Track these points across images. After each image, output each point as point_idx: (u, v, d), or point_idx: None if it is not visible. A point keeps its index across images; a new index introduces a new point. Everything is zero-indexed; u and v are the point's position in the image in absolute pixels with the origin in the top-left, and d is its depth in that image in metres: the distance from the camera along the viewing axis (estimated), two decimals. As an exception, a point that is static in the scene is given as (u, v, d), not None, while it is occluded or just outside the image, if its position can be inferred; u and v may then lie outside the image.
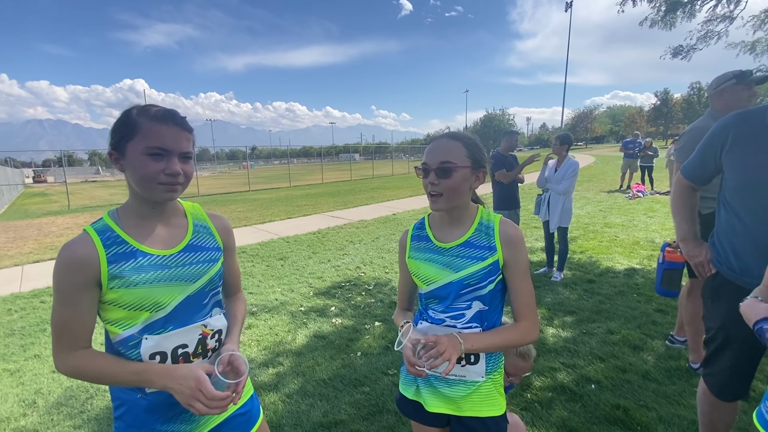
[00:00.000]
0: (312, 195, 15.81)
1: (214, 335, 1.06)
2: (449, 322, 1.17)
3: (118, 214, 1.00)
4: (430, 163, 1.11)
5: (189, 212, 1.10)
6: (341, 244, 6.80)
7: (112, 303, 0.94)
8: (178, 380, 0.91)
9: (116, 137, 0.94)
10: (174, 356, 0.99)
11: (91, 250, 0.92)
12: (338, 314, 3.84)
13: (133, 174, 0.93)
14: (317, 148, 72.59)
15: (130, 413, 1.00)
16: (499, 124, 49.43)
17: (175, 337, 0.99)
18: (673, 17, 5.83)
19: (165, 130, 0.92)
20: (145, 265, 0.95)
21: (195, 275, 1.02)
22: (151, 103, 0.97)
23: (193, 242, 1.05)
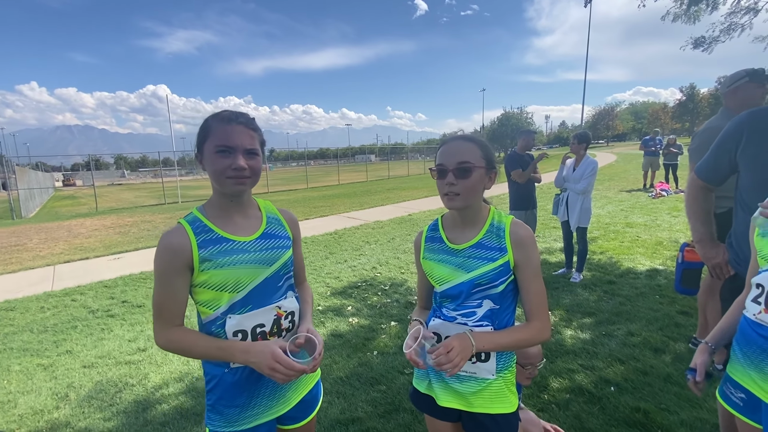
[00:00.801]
0: (329, 196, 15.98)
1: (288, 316, 1.18)
2: (460, 320, 1.19)
3: (204, 207, 1.15)
4: (447, 163, 1.12)
5: (262, 206, 1.24)
6: (357, 244, 6.86)
7: (202, 285, 1.08)
8: (256, 355, 1.03)
9: (197, 141, 1.10)
10: (253, 334, 1.11)
11: (184, 237, 1.06)
12: (355, 314, 3.89)
13: (209, 170, 1.07)
14: (333, 150, 73.26)
15: (219, 387, 1.14)
16: (516, 122, 48.71)
17: (253, 317, 1.11)
18: (697, 10, 5.65)
19: (230, 129, 1.05)
20: (229, 250, 1.09)
21: (271, 259, 1.14)
22: (224, 109, 1.11)
23: (268, 231, 1.18)
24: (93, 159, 21.12)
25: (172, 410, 2.51)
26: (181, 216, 1.19)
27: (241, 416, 1.15)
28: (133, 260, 6.63)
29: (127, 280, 5.50)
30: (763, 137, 1.41)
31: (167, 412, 2.49)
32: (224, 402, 1.14)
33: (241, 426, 1.15)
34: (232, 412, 1.14)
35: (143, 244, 7.96)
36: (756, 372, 1.15)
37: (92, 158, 21.14)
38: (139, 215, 13.12)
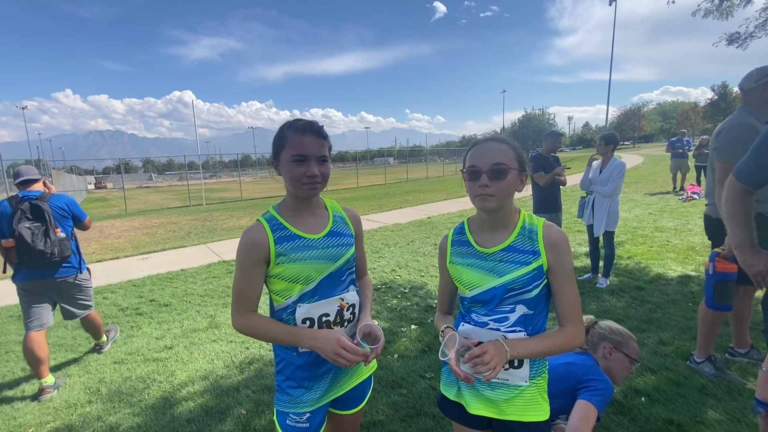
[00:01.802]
0: (347, 199, 16.07)
1: (349, 308, 1.28)
2: (492, 326, 1.17)
3: (280, 207, 1.27)
4: (481, 165, 1.10)
5: (329, 206, 1.34)
6: (377, 247, 6.87)
7: (276, 276, 1.20)
8: (322, 341, 1.12)
9: (274, 150, 1.20)
10: (319, 322, 1.22)
11: (263, 234, 1.19)
12: (375, 316, 3.89)
13: (285, 177, 1.18)
14: (352, 153, 73.65)
15: (287, 368, 1.26)
16: (538, 124, 47.81)
17: (320, 306, 1.22)
18: (730, 5, 5.41)
19: (305, 140, 1.15)
20: (300, 246, 1.20)
21: (336, 256, 1.24)
22: (298, 118, 1.21)
23: (334, 229, 1.27)
24: (123, 163, 22.00)
25: (198, 407, 2.57)
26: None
27: (304, 398, 1.25)
28: (161, 260, 6.84)
29: (154, 279, 5.68)
30: None
31: (192, 409, 2.55)
32: (291, 383, 1.25)
33: (304, 408, 1.25)
34: (297, 393, 1.25)
35: (169, 245, 8.21)
36: None
37: (122, 162, 21.99)
38: (165, 217, 13.53)
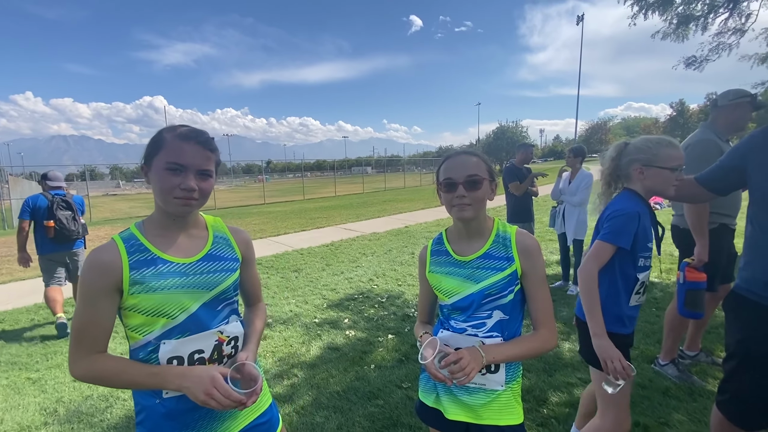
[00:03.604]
0: (325, 208, 15.98)
1: (230, 342, 1.08)
2: (471, 331, 1.20)
3: (144, 224, 1.05)
4: (456, 177, 1.15)
5: (210, 225, 1.15)
6: (354, 256, 6.84)
7: (132, 308, 0.98)
8: (193, 379, 0.93)
9: (147, 152, 1.01)
10: (190, 361, 1.02)
11: (115, 255, 0.97)
12: (351, 326, 3.85)
13: (154, 186, 0.99)
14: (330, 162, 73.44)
15: (149, 419, 1.03)
16: (512, 136, 49.30)
17: (191, 342, 1.02)
18: (686, 30, 5.83)
19: (186, 147, 0.98)
20: (164, 272, 0.99)
21: (212, 283, 1.05)
22: (182, 124, 1.03)
23: (212, 252, 1.09)
24: (88, 169, 21.02)
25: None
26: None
27: None
28: (127, 271, 6.54)
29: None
30: (759, 151, 1.45)
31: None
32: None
33: None
34: None
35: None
36: None
37: (87, 168, 20.99)
38: (133, 226, 12.99)
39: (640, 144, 1.56)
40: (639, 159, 1.54)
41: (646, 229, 1.54)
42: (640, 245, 1.54)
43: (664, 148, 1.51)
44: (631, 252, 1.53)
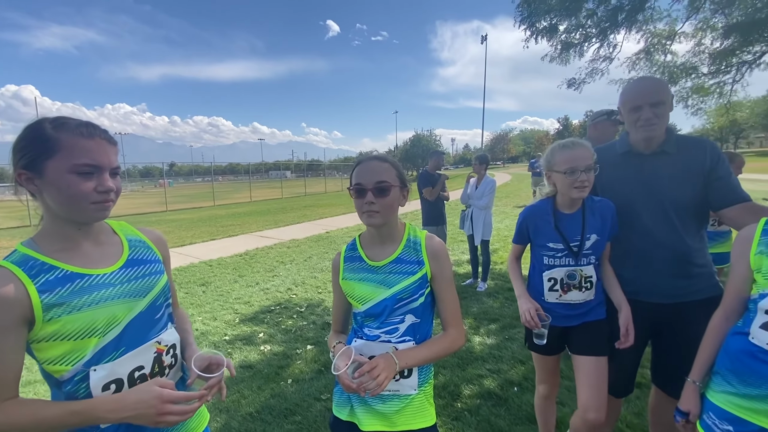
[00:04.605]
0: (239, 214, 14.99)
1: (169, 350, 1.01)
2: (384, 338, 1.20)
3: (35, 241, 0.90)
4: (366, 183, 1.15)
5: (118, 229, 1.04)
6: (271, 265, 6.50)
7: (52, 337, 0.84)
8: (134, 407, 0.84)
9: (29, 155, 0.85)
10: (131, 381, 0.92)
11: (13, 284, 0.81)
12: (267, 340, 3.63)
13: (58, 195, 0.85)
14: (245, 165, 69.26)
15: None
16: (427, 144, 52.09)
17: (129, 360, 0.92)
18: (567, 55, 6.78)
19: (93, 145, 0.87)
20: (86, 287, 0.88)
21: (145, 288, 0.98)
22: (62, 116, 0.90)
23: (134, 257, 1.00)
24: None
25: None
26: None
27: None
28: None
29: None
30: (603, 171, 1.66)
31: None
32: None
33: None
34: None
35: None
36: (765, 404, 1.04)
37: None
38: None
39: (547, 151, 1.67)
40: (545, 165, 1.66)
41: (539, 227, 1.64)
42: (537, 243, 1.66)
43: (557, 153, 1.58)
44: (532, 248, 1.72)
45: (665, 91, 1.54)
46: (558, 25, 6.58)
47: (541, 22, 6.51)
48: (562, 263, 1.61)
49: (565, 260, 1.60)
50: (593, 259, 1.60)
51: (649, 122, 1.52)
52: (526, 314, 1.55)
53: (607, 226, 1.60)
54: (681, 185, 1.56)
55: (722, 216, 1.55)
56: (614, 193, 1.69)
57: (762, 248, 1.10)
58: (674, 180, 1.57)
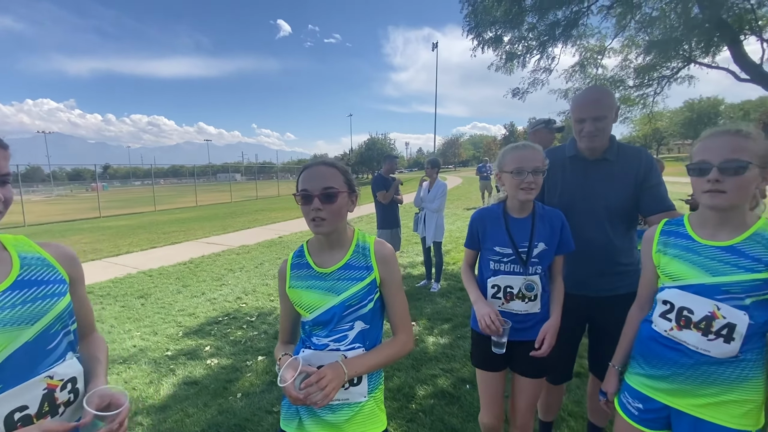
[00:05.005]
0: (183, 220, 14.12)
1: (66, 385, 0.88)
2: (333, 346, 1.17)
3: None
4: (312, 189, 1.12)
5: (10, 245, 0.91)
6: (218, 273, 6.18)
7: None
8: None
9: None
10: (10, 425, 0.79)
11: None
12: (214, 354, 3.43)
13: None
14: (189, 167, 65.48)
15: None
16: (382, 147, 52.48)
17: (8, 399, 0.79)
18: (511, 65, 7.16)
19: None
20: None
21: (33, 315, 0.84)
22: None
23: (25, 277, 0.87)
24: None
25: None
26: None
27: None
28: None
29: None
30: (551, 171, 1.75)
31: None
32: None
33: None
34: None
35: None
36: (666, 384, 1.17)
37: None
38: None
39: (499, 153, 1.65)
40: (497, 166, 1.63)
41: (489, 230, 1.60)
42: (485, 247, 1.61)
43: (507, 154, 1.57)
44: (480, 253, 1.67)
45: (608, 105, 1.63)
46: (503, 37, 6.94)
47: (488, 33, 6.82)
48: (508, 270, 1.56)
49: (512, 267, 1.56)
50: (540, 269, 1.56)
51: (591, 134, 1.64)
52: (486, 319, 1.45)
53: (556, 236, 1.58)
54: (616, 190, 1.69)
55: (649, 221, 1.71)
56: (559, 194, 1.80)
57: (659, 247, 1.24)
58: (611, 185, 1.70)
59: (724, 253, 1.09)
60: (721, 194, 1.05)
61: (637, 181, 1.67)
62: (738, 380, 1.08)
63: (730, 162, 1.03)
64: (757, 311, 1.05)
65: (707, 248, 1.13)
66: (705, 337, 1.09)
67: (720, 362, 1.09)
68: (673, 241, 1.21)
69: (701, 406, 1.12)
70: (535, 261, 1.55)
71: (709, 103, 60.18)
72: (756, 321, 1.04)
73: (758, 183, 1.07)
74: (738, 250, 1.08)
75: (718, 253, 1.10)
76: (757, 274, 1.04)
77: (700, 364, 1.11)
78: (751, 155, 1.03)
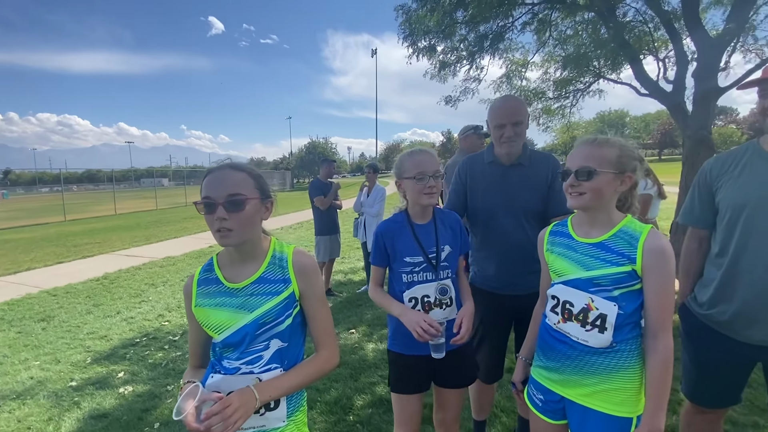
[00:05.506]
0: (98, 230, 12.66)
1: None
2: (245, 369, 1.06)
3: None
4: (216, 196, 1.00)
5: None
6: (138, 289, 5.59)
7: None
8: None
9: None
10: None
11: None
12: (128, 380, 3.07)
13: None
14: (108, 172, 59.20)
15: None
16: (323, 151, 51.83)
17: None
18: (445, 74, 7.42)
19: None
20: None
21: None
22: None
23: None
24: None
25: None
26: None
27: None
28: None
29: None
30: (473, 177, 1.90)
31: None
32: None
33: None
34: None
35: None
36: (558, 375, 1.25)
37: None
38: None
39: (396, 160, 1.62)
40: (396, 174, 1.59)
41: (398, 241, 1.54)
42: (396, 260, 1.54)
43: (406, 160, 1.55)
44: (389, 271, 1.59)
45: (524, 112, 1.78)
46: (436, 46, 7.17)
47: (422, 42, 7.01)
48: (421, 278, 1.53)
49: (424, 275, 1.52)
50: (450, 273, 1.57)
51: (510, 139, 1.74)
52: (421, 326, 1.38)
53: (458, 238, 1.60)
54: (531, 194, 1.80)
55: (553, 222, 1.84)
56: (480, 199, 1.87)
57: (549, 246, 1.34)
58: (526, 189, 1.80)
59: (594, 249, 1.20)
60: (580, 196, 1.19)
61: (546, 184, 1.80)
62: (615, 369, 1.17)
63: (583, 168, 1.17)
64: (624, 302, 1.15)
65: (582, 245, 1.23)
66: (583, 328, 1.19)
67: (598, 352, 1.18)
68: (558, 240, 1.32)
69: (586, 395, 1.20)
70: (444, 265, 1.55)
71: (617, 115, 68.22)
72: (624, 311, 1.15)
73: (616, 187, 1.19)
74: (605, 245, 1.19)
75: (590, 249, 1.21)
76: (621, 267, 1.15)
77: (583, 355, 1.20)
78: (602, 162, 1.16)
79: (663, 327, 1.13)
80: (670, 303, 1.14)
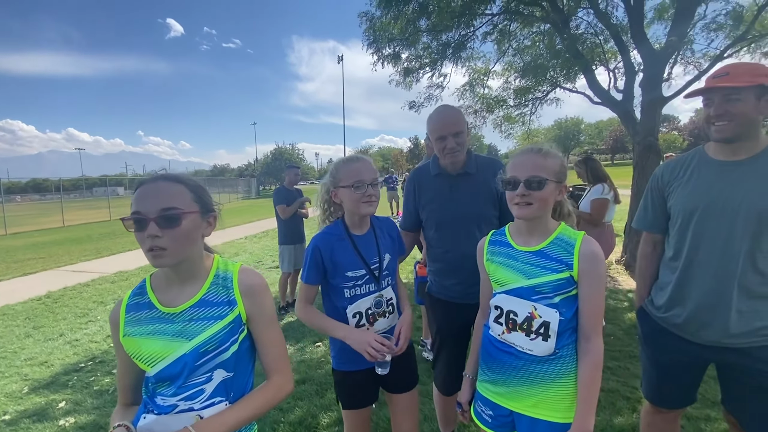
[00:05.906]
0: (43, 244, 11.69)
1: None
2: (183, 406, 0.95)
3: None
4: (146, 211, 0.90)
5: None
6: (85, 308, 5.16)
7: None
8: None
9: None
10: None
11: None
12: (70, 411, 2.79)
13: None
14: (55, 181, 55.13)
15: None
16: (290, 158, 50.96)
17: None
18: (410, 80, 7.50)
19: None
20: None
21: None
22: None
23: None
24: None
25: None
26: None
27: None
28: None
29: None
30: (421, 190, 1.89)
31: None
32: None
33: None
34: None
35: None
36: (504, 387, 1.23)
37: None
38: None
39: (331, 167, 1.55)
40: (331, 183, 1.51)
41: (337, 255, 1.46)
42: (335, 275, 1.46)
43: (342, 168, 1.48)
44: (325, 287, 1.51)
45: (463, 121, 1.76)
46: (400, 53, 7.23)
47: (386, 49, 7.04)
48: (364, 291, 1.47)
49: (366, 287, 1.47)
50: (390, 280, 1.55)
51: (453, 150, 1.72)
52: (370, 347, 1.32)
53: (396, 244, 1.60)
54: (480, 202, 1.79)
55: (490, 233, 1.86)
56: (431, 211, 1.85)
57: (489, 256, 1.33)
58: (475, 197, 1.79)
59: (534, 257, 1.21)
60: (528, 206, 1.18)
61: (497, 191, 1.76)
62: (559, 376, 1.17)
63: (533, 177, 1.17)
64: (564, 308, 1.17)
65: (522, 254, 1.24)
66: (528, 337, 1.19)
67: (543, 360, 1.18)
68: (498, 249, 1.31)
69: (533, 405, 1.20)
70: (386, 274, 1.53)
71: (573, 122, 72.01)
72: (565, 317, 1.16)
73: (556, 196, 1.22)
74: (545, 253, 1.20)
75: (530, 258, 1.22)
76: (560, 273, 1.16)
77: (528, 364, 1.20)
78: (549, 172, 1.18)
79: (595, 330, 1.15)
80: (602, 306, 1.18)
